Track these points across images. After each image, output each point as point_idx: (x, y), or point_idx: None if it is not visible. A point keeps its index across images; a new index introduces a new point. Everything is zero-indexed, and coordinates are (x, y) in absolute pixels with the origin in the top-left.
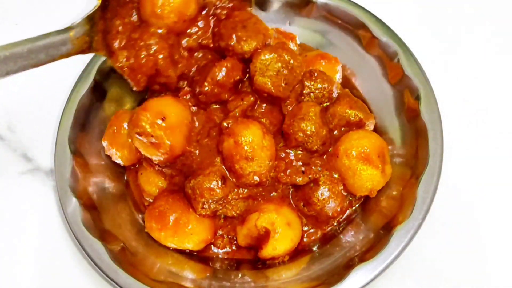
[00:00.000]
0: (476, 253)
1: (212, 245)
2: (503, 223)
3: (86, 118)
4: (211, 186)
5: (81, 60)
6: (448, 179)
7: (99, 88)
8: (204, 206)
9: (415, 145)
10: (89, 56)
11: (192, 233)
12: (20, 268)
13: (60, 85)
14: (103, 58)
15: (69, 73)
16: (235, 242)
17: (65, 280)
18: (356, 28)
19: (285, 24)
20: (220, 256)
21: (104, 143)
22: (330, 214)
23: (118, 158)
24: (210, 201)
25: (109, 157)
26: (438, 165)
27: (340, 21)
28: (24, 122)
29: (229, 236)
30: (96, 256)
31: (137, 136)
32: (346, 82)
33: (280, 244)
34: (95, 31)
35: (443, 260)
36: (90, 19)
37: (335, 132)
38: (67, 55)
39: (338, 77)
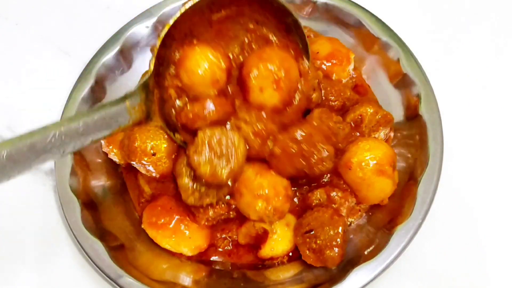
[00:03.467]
0: (475, 253)
1: (212, 248)
2: (502, 223)
3: None
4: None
5: (81, 60)
6: (448, 179)
7: (99, 88)
8: (209, 219)
9: (415, 145)
10: (89, 56)
11: (190, 237)
12: (20, 268)
13: (60, 85)
14: (103, 58)
15: (69, 73)
16: (235, 244)
17: (65, 280)
18: (356, 28)
19: None
20: (220, 260)
21: (102, 140)
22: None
23: (115, 156)
24: (215, 217)
25: (107, 155)
26: (438, 165)
27: (340, 21)
28: (24, 122)
29: (231, 239)
30: (96, 256)
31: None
32: None
33: (278, 244)
34: (152, 100)
35: (443, 260)
36: (145, 86)
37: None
38: (125, 127)
39: (348, 77)
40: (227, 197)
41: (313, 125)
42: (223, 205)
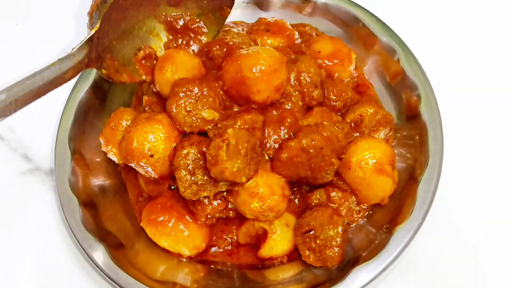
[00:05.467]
0: (475, 253)
1: (212, 248)
2: (502, 223)
3: (86, 118)
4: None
5: None
6: (448, 179)
7: (99, 88)
8: (208, 216)
9: (415, 145)
10: None
11: (189, 236)
12: (20, 268)
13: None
14: None
15: None
16: (235, 244)
17: (65, 280)
18: (356, 28)
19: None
20: (220, 260)
21: (101, 140)
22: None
23: (114, 155)
24: (214, 213)
25: (106, 154)
26: (438, 165)
27: (340, 21)
28: (24, 122)
29: (231, 240)
30: (96, 256)
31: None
32: None
33: (277, 244)
34: (92, 49)
35: (442, 260)
36: (90, 40)
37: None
38: (69, 79)
39: (349, 77)
40: (224, 192)
41: (324, 136)
42: (220, 201)
